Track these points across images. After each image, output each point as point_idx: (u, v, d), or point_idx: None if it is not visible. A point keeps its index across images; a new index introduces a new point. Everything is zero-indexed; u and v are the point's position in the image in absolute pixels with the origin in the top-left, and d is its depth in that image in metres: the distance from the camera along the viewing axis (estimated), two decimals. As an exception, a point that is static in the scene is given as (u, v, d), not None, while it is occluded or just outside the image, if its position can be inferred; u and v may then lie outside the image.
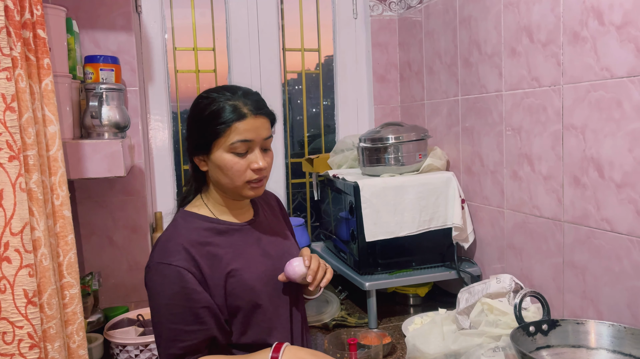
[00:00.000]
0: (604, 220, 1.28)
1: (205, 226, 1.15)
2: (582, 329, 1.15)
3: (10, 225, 0.97)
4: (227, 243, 1.14)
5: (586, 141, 1.31)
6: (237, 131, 1.08)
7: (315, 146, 2.38)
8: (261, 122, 1.11)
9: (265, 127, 1.12)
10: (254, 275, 1.13)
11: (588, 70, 1.29)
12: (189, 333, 1.06)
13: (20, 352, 1.00)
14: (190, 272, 1.06)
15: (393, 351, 1.50)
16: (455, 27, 1.83)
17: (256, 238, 1.20)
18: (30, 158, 1.02)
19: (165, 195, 2.08)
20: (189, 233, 1.12)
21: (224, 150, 1.10)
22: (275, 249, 1.22)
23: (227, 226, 1.17)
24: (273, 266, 1.18)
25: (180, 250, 1.07)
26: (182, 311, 1.05)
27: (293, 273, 1.14)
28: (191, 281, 1.06)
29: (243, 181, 1.11)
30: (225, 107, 1.09)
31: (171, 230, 1.14)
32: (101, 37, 1.81)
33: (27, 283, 0.99)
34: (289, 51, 2.25)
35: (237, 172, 1.11)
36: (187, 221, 1.15)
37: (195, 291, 1.06)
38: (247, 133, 1.09)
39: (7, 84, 0.97)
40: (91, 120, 1.52)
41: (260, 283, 1.13)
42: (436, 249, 1.80)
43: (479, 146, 1.74)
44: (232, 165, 1.10)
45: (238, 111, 1.09)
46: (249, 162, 1.11)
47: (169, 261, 1.06)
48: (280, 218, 1.33)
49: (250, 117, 1.09)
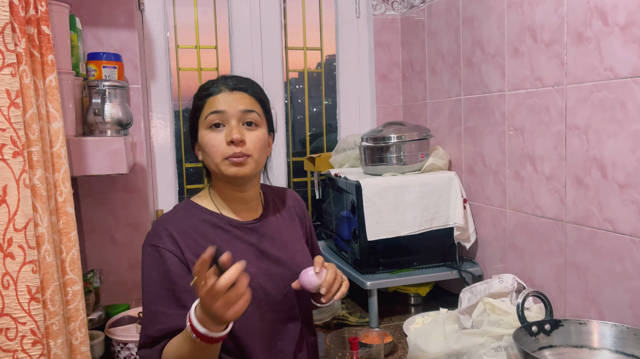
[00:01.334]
0: (606, 220, 1.28)
1: (202, 218, 1.15)
2: (585, 330, 1.15)
3: (14, 221, 0.97)
4: (220, 239, 1.13)
5: (589, 141, 1.31)
6: (210, 104, 1.11)
7: (317, 145, 2.37)
8: (238, 96, 1.12)
9: (244, 102, 1.12)
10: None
11: (591, 71, 1.29)
12: (168, 317, 1.05)
13: (23, 348, 1.00)
14: (177, 257, 1.07)
15: (394, 351, 1.50)
16: (458, 27, 1.83)
17: (256, 239, 1.17)
18: (34, 154, 1.02)
19: (166, 193, 2.08)
20: (181, 221, 1.13)
21: (203, 127, 1.12)
22: (275, 253, 1.18)
23: (225, 222, 1.15)
24: (267, 271, 1.15)
25: (167, 235, 1.09)
26: (164, 294, 1.06)
27: (308, 283, 1.11)
28: (176, 265, 1.07)
29: (222, 157, 1.09)
30: (204, 87, 1.14)
31: (166, 215, 1.16)
32: (104, 34, 1.81)
33: (31, 279, 0.99)
34: (291, 50, 2.25)
35: (214, 148, 1.10)
36: (186, 209, 1.16)
37: (178, 274, 1.07)
38: (219, 105, 1.10)
39: (12, 80, 0.97)
40: (94, 117, 1.52)
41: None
42: (438, 249, 1.80)
43: (481, 146, 1.74)
44: (208, 140, 1.10)
45: (213, 88, 1.13)
46: (226, 136, 1.09)
47: (157, 244, 1.08)
48: (296, 220, 1.29)
49: (225, 92, 1.12)
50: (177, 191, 2.12)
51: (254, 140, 1.11)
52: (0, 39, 0.96)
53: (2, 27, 0.96)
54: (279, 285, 1.16)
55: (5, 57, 0.97)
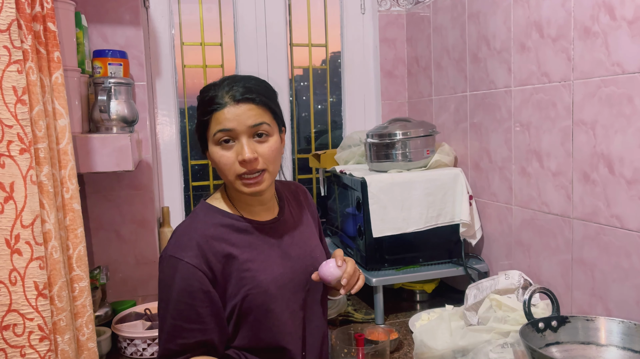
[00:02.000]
0: (613, 216, 1.27)
1: (224, 222, 1.11)
2: (592, 326, 1.14)
3: (21, 217, 0.98)
4: (244, 242, 1.10)
5: (596, 137, 1.31)
6: (216, 121, 1.04)
7: (322, 142, 2.37)
8: (245, 109, 1.04)
9: (252, 114, 1.05)
10: (270, 277, 1.09)
11: (599, 66, 1.28)
12: (189, 331, 1.04)
13: (30, 344, 1.01)
14: (200, 270, 1.03)
15: (400, 347, 1.50)
16: (463, 22, 1.82)
17: (278, 238, 1.16)
18: (40, 151, 1.02)
19: (172, 190, 2.08)
20: (205, 228, 1.08)
21: (212, 143, 1.07)
22: (296, 251, 1.17)
23: (246, 225, 1.12)
24: (292, 269, 1.14)
25: (193, 246, 1.05)
26: (185, 309, 1.04)
27: (329, 275, 1.09)
28: (200, 280, 1.03)
29: (234, 175, 1.06)
30: (207, 98, 1.07)
31: (188, 223, 1.11)
32: (109, 31, 1.82)
33: (38, 275, 1.00)
34: (296, 46, 2.25)
35: (225, 166, 1.06)
36: (207, 214, 1.12)
37: (201, 290, 1.04)
38: (226, 122, 1.03)
39: (18, 77, 0.97)
40: (100, 114, 1.52)
41: (274, 286, 1.09)
42: (443, 245, 1.80)
43: (487, 142, 1.74)
44: (219, 158, 1.06)
45: (217, 101, 1.05)
46: (237, 153, 1.05)
47: (181, 257, 1.04)
48: (308, 214, 1.28)
49: (230, 105, 1.04)
50: (182, 188, 2.12)
51: (266, 153, 1.06)
52: (7, 36, 0.96)
53: (9, 24, 0.97)
54: (302, 282, 1.15)
55: (11, 54, 0.97)
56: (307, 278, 1.15)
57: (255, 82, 1.11)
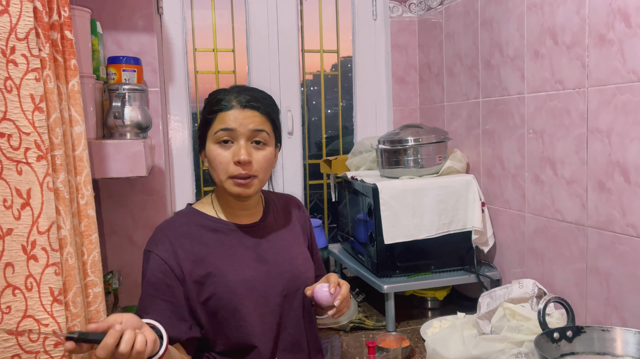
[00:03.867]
0: (629, 225, 1.26)
1: (201, 223, 1.17)
2: (608, 337, 1.13)
3: (37, 223, 0.99)
4: (217, 242, 1.15)
5: (611, 145, 1.29)
6: (220, 120, 1.11)
7: (333, 147, 2.37)
8: (249, 115, 1.11)
9: (255, 120, 1.12)
10: (239, 278, 1.12)
11: (614, 73, 1.27)
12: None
13: (45, 350, 1.01)
14: (167, 264, 1.10)
15: (412, 355, 1.49)
16: (476, 29, 1.82)
17: (255, 242, 1.19)
18: (57, 158, 1.03)
19: (184, 195, 2.09)
20: (180, 227, 1.15)
21: (211, 141, 1.13)
22: (274, 256, 1.19)
23: (223, 226, 1.17)
24: (266, 273, 1.16)
25: (165, 241, 1.12)
26: (147, 299, 1.10)
27: (324, 299, 1.13)
28: (165, 273, 1.09)
29: (227, 175, 1.11)
30: (215, 100, 1.13)
31: (167, 222, 1.18)
32: (123, 38, 1.83)
33: (53, 281, 1.01)
34: (307, 52, 2.25)
35: (220, 164, 1.11)
36: (186, 215, 1.19)
37: (165, 283, 1.09)
38: (229, 122, 1.10)
39: (36, 85, 0.99)
40: (114, 120, 1.53)
41: (243, 288, 1.12)
42: (455, 252, 1.79)
43: (499, 149, 1.73)
44: (215, 156, 1.11)
45: (225, 103, 1.12)
46: (233, 154, 1.10)
47: (152, 249, 1.12)
48: (297, 225, 1.30)
49: (236, 108, 1.11)
50: (194, 194, 2.13)
51: (260, 160, 1.12)
52: (25, 44, 0.98)
53: (27, 32, 0.98)
54: (278, 287, 1.17)
55: (29, 62, 0.98)
56: (284, 284, 1.18)
57: (263, 94, 1.17)
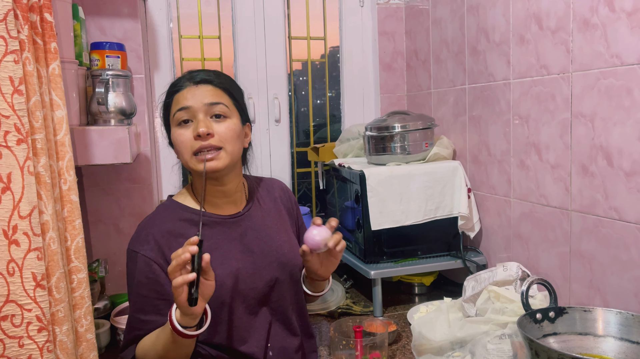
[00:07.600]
0: (612, 208, 1.28)
1: (183, 217, 1.13)
2: (590, 317, 1.15)
3: (18, 208, 0.98)
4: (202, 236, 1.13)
5: (595, 129, 1.30)
6: (176, 101, 1.11)
7: (320, 135, 2.37)
8: (203, 90, 1.10)
9: (210, 94, 1.10)
10: (226, 271, 1.10)
11: (598, 58, 1.28)
12: (144, 323, 1.07)
13: (28, 334, 1.00)
14: (156, 263, 1.07)
15: (398, 339, 1.50)
16: (462, 15, 1.81)
17: (240, 232, 1.16)
18: (38, 141, 1.02)
19: (170, 183, 2.08)
20: (163, 223, 1.12)
21: (173, 125, 1.12)
22: (260, 246, 1.17)
23: (207, 219, 1.14)
24: (253, 264, 1.14)
25: (149, 240, 1.09)
26: (141, 300, 1.08)
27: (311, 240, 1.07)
28: (156, 272, 1.07)
29: (190, 153, 1.09)
30: (171, 84, 1.14)
31: (149, 218, 1.15)
32: (107, 24, 1.81)
33: (36, 266, 1.00)
34: (294, 39, 2.24)
35: (182, 144, 1.09)
36: (167, 209, 1.16)
37: (157, 282, 1.07)
38: (184, 101, 1.10)
39: (15, 67, 0.97)
40: (97, 106, 1.52)
41: (231, 280, 1.10)
42: (442, 238, 1.80)
43: (486, 135, 1.74)
44: (177, 136, 1.10)
45: (177, 84, 1.13)
46: (193, 131, 1.08)
47: (138, 250, 1.09)
48: (283, 211, 1.27)
49: (189, 86, 1.11)
50: (181, 182, 2.11)
51: (223, 131, 1.09)
52: (3, 26, 0.96)
53: (5, 13, 0.96)
54: (265, 277, 1.15)
55: (8, 44, 0.96)
56: (272, 273, 1.16)
57: (218, 72, 1.17)
